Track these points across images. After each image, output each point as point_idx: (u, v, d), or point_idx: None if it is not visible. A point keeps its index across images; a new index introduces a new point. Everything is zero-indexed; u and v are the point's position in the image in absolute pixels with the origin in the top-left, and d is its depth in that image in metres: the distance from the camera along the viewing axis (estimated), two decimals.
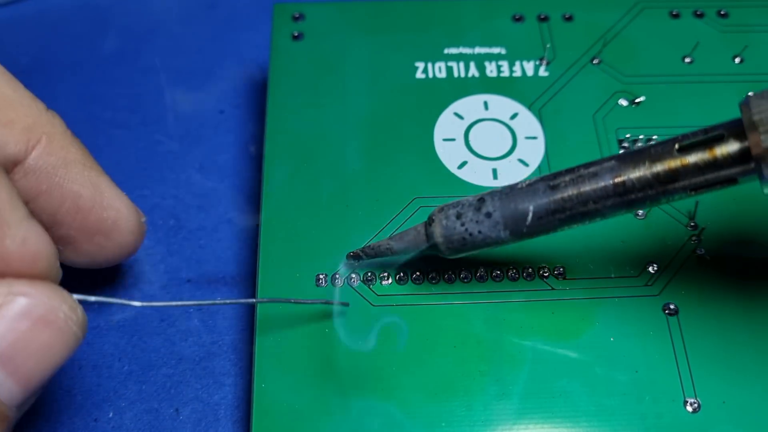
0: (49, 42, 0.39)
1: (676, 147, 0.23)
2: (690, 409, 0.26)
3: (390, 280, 0.28)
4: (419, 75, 0.33)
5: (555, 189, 0.24)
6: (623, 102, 0.32)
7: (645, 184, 0.23)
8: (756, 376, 0.27)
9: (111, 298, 0.23)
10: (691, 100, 0.33)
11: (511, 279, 0.28)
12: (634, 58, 0.34)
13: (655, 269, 0.29)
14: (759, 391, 0.26)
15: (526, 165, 0.31)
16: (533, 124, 0.32)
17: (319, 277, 0.28)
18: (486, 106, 0.32)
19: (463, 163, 0.31)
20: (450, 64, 0.34)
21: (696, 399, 0.26)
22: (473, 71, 0.33)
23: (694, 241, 0.29)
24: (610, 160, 0.24)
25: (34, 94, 0.26)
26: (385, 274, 0.28)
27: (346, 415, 0.26)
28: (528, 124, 0.32)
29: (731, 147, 0.22)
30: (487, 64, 0.34)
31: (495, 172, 0.31)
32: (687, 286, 0.28)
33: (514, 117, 0.32)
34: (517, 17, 0.35)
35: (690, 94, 0.33)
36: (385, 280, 0.28)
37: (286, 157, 0.31)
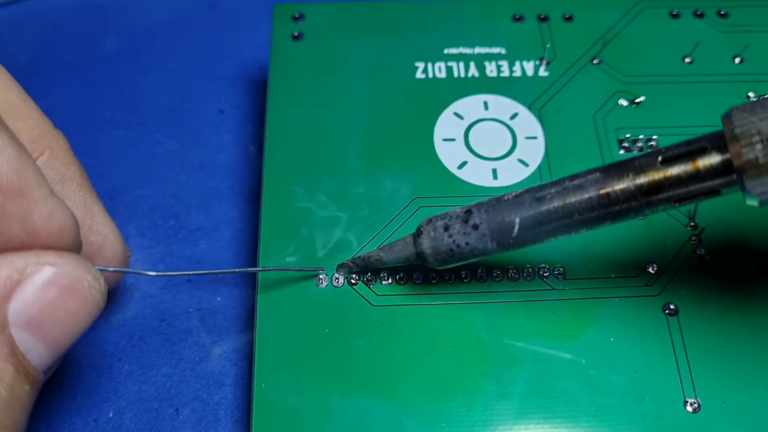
0: (49, 42, 0.39)
1: (660, 159, 0.23)
2: (690, 409, 0.26)
3: (390, 281, 0.28)
4: (419, 75, 0.33)
5: (541, 201, 0.24)
6: (623, 102, 0.32)
7: (629, 195, 0.23)
8: (756, 377, 0.27)
9: (127, 269, 0.25)
10: (692, 100, 0.33)
11: (512, 279, 0.28)
12: (634, 58, 0.34)
13: (655, 269, 0.29)
14: (759, 392, 0.26)
15: (526, 165, 0.31)
16: (533, 124, 0.32)
17: (320, 276, 0.28)
18: (486, 106, 0.32)
19: (463, 163, 0.31)
20: (450, 64, 0.34)
21: (696, 399, 0.26)
22: (473, 71, 0.33)
23: (694, 241, 0.29)
24: (594, 172, 0.24)
25: (42, 111, 0.27)
26: (385, 275, 0.28)
27: (346, 415, 0.26)
28: (528, 124, 0.32)
29: (713, 159, 0.22)
30: (487, 64, 0.34)
31: (495, 172, 0.31)
32: (687, 287, 0.28)
33: (514, 117, 0.32)
34: (517, 17, 0.35)
35: (690, 94, 0.33)
36: (385, 280, 0.28)
37: (286, 158, 0.31)
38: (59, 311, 0.22)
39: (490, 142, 0.32)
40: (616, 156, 0.31)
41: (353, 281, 0.28)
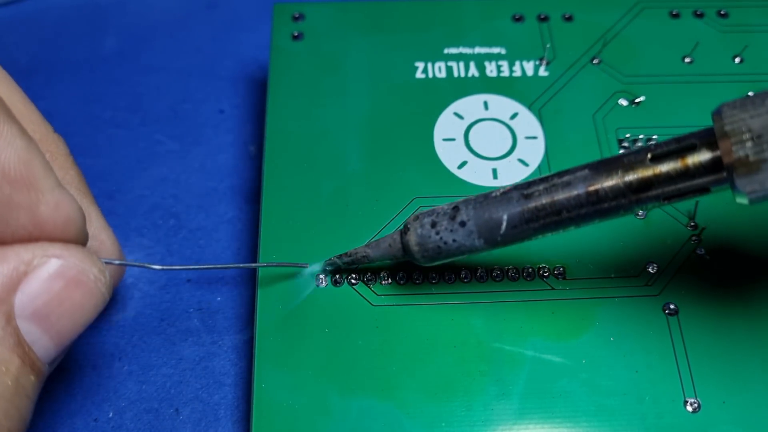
0: (49, 42, 0.39)
1: (649, 156, 0.23)
2: (690, 409, 0.26)
3: (390, 280, 0.28)
4: (419, 75, 0.33)
5: (529, 198, 0.24)
6: (623, 102, 0.32)
7: (618, 193, 0.23)
8: (756, 376, 0.27)
9: (133, 262, 0.26)
10: (691, 100, 0.33)
11: (511, 279, 0.28)
12: (634, 58, 0.34)
13: (655, 269, 0.29)
14: (759, 391, 0.26)
15: (526, 165, 0.31)
16: (533, 123, 0.32)
17: (319, 276, 0.28)
18: (486, 106, 0.32)
19: (463, 163, 0.31)
20: (450, 63, 0.34)
21: (696, 399, 0.26)
22: (473, 71, 0.33)
23: (694, 241, 0.29)
24: (583, 169, 0.24)
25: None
26: (385, 275, 0.28)
27: (346, 415, 0.26)
28: (528, 123, 0.32)
29: (703, 156, 0.22)
30: (487, 64, 0.34)
31: (495, 171, 0.31)
32: (687, 287, 0.28)
33: (514, 117, 0.32)
34: (517, 17, 0.35)
35: (690, 94, 0.33)
36: (385, 280, 0.28)
37: (286, 158, 0.31)
38: (65, 303, 0.22)
39: (490, 142, 0.32)
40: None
41: (353, 281, 0.28)
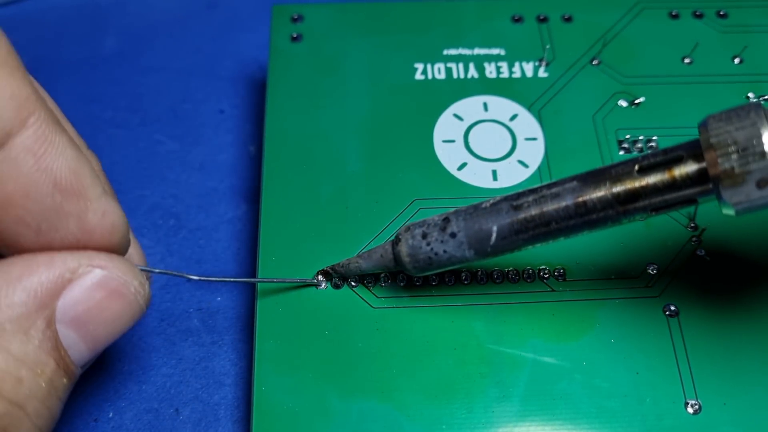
0: (49, 42, 0.39)
1: (636, 168, 0.23)
2: (691, 410, 0.26)
3: (390, 282, 0.28)
4: (418, 76, 0.33)
5: (518, 209, 0.24)
6: (623, 103, 0.32)
7: (606, 204, 0.23)
8: (757, 378, 0.27)
9: (169, 271, 0.26)
10: (691, 101, 0.33)
11: (512, 281, 0.28)
12: (633, 59, 0.34)
13: (656, 271, 0.29)
14: (760, 393, 0.26)
15: (526, 166, 0.31)
16: (533, 125, 0.32)
17: (318, 278, 0.28)
18: (485, 107, 0.32)
19: (463, 165, 0.31)
20: (449, 65, 0.34)
21: (697, 401, 0.26)
22: (472, 72, 0.33)
23: (694, 242, 0.29)
24: (572, 180, 0.24)
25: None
26: (385, 276, 0.28)
27: (346, 417, 0.26)
28: (528, 125, 0.32)
29: (689, 168, 0.22)
30: (486, 65, 0.34)
31: (495, 173, 0.31)
32: (687, 288, 0.28)
33: (513, 118, 0.32)
34: (516, 18, 0.35)
35: (690, 95, 0.33)
36: (385, 282, 0.28)
37: (285, 159, 0.31)
38: (104, 313, 0.23)
39: (489, 144, 0.32)
40: (615, 157, 0.31)
41: (353, 284, 0.28)
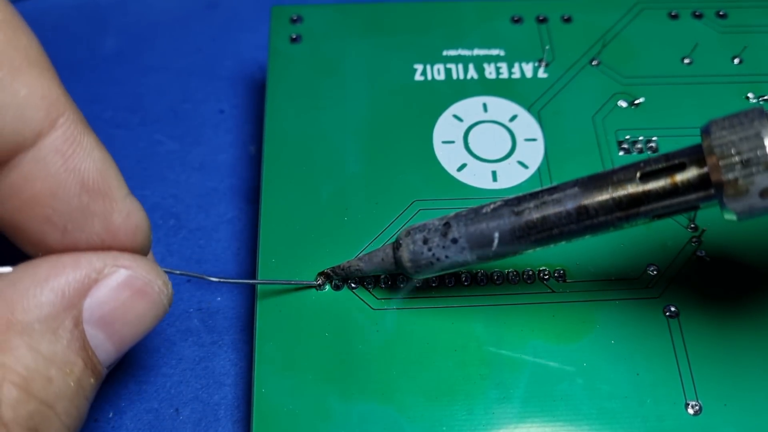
0: (49, 42, 0.38)
1: (638, 174, 0.23)
2: (691, 411, 0.26)
3: (390, 284, 0.28)
4: (418, 77, 0.33)
5: (519, 215, 0.24)
6: (623, 103, 0.32)
7: (607, 210, 0.23)
8: (757, 379, 0.27)
9: (191, 273, 0.27)
10: (691, 101, 0.33)
11: (512, 282, 0.29)
12: (633, 60, 0.34)
13: (656, 272, 0.29)
14: (760, 394, 0.26)
15: (526, 167, 0.31)
16: (533, 126, 0.32)
17: (319, 280, 0.28)
18: (485, 108, 0.32)
19: (463, 166, 0.31)
20: (449, 66, 0.34)
21: (697, 401, 0.26)
22: (472, 73, 0.33)
23: (694, 243, 0.29)
24: (573, 186, 0.24)
25: None
26: (385, 278, 0.28)
27: (347, 419, 0.26)
28: (527, 126, 0.32)
29: (691, 174, 0.22)
30: (486, 65, 0.34)
31: (495, 174, 0.31)
32: (687, 289, 0.28)
33: (513, 119, 0.32)
34: (515, 19, 0.35)
35: (689, 95, 0.33)
36: (385, 283, 0.28)
37: (284, 160, 0.31)
38: (130, 313, 0.23)
39: (489, 145, 0.32)
40: (615, 157, 0.31)
41: (353, 285, 0.28)
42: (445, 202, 0.30)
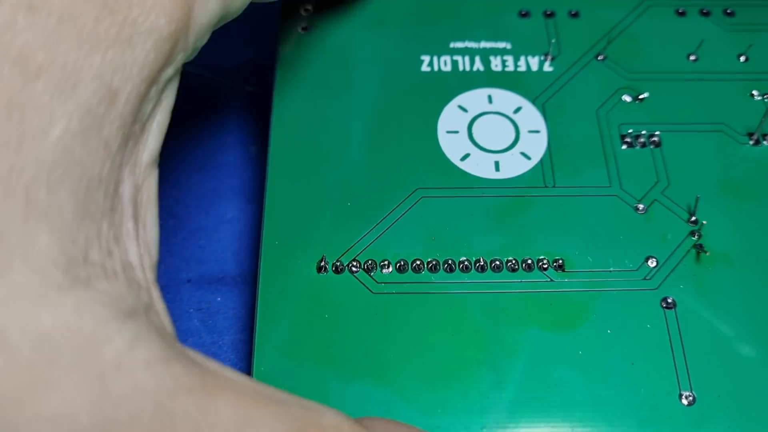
0: None
1: None
2: (685, 402, 0.26)
3: (390, 269, 0.29)
4: (425, 68, 0.33)
5: None
6: (627, 98, 0.33)
7: None
8: (751, 371, 0.27)
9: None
10: (695, 98, 0.33)
11: (511, 270, 0.29)
12: (639, 56, 0.34)
13: (655, 263, 0.29)
14: (754, 386, 0.27)
15: (529, 158, 0.31)
16: (536, 118, 0.32)
17: (321, 263, 0.29)
18: (490, 99, 0.33)
19: (466, 155, 0.31)
20: (455, 58, 0.34)
21: (691, 392, 0.26)
22: (478, 65, 0.34)
23: (694, 236, 0.29)
24: None
25: None
26: (385, 262, 0.29)
27: (344, 400, 0.26)
28: (531, 118, 0.32)
29: None
30: (492, 58, 0.34)
31: (497, 164, 0.31)
32: (685, 281, 0.28)
33: (517, 111, 0.32)
34: (523, 13, 0.35)
35: (694, 92, 0.33)
36: (386, 268, 0.29)
37: (291, 149, 0.31)
38: None
39: (493, 135, 0.32)
40: (618, 150, 0.31)
41: (354, 269, 0.29)
42: (447, 190, 0.30)
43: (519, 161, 0.31)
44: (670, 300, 0.28)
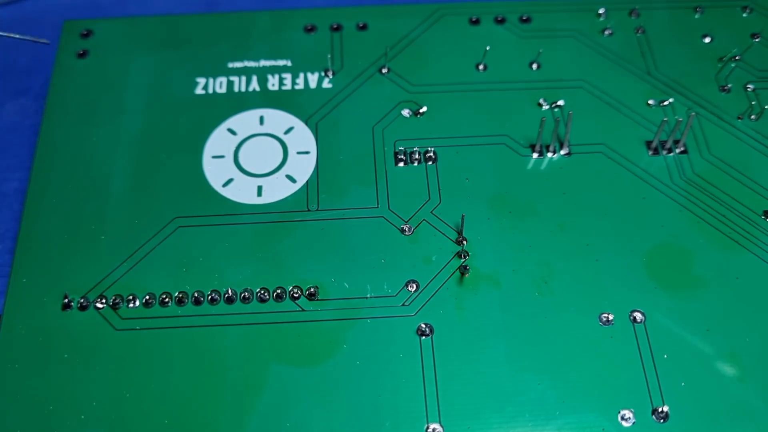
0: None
1: None
2: None
3: (137, 303, 0.27)
4: (199, 91, 0.32)
5: None
6: (406, 113, 0.31)
7: None
8: (501, 404, 0.26)
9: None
10: (478, 108, 0.31)
11: (260, 300, 0.27)
12: (425, 67, 0.32)
13: (415, 288, 0.27)
14: (502, 420, 0.25)
15: (294, 181, 0.30)
16: (308, 138, 0.31)
17: (65, 300, 0.27)
18: (261, 121, 0.31)
19: (229, 181, 0.30)
20: (232, 78, 0.32)
21: (439, 425, 0.25)
22: (254, 85, 0.32)
23: (461, 257, 0.28)
24: None
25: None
26: (131, 297, 0.27)
27: None
28: (302, 138, 0.31)
29: None
30: (269, 77, 0.32)
31: (260, 189, 0.30)
32: (445, 305, 0.27)
33: (288, 131, 0.31)
34: (308, 28, 0.34)
35: (478, 102, 0.32)
36: (132, 303, 0.27)
37: (52, 179, 0.30)
38: None
39: (259, 158, 0.30)
40: (390, 168, 0.30)
41: (99, 305, 0.27)
42: (206, 218, 0.29)
43: (283, 184, 0.30)
44: (424, 327, 0.27)
